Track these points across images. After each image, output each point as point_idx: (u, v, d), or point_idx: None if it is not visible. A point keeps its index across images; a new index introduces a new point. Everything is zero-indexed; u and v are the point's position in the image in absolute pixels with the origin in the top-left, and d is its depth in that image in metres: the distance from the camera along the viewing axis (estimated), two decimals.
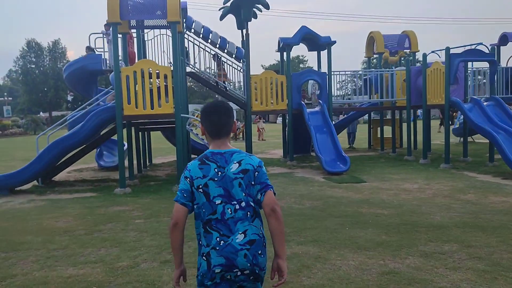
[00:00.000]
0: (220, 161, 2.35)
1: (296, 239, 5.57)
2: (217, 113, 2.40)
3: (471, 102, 12.17)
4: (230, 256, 2.27)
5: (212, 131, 2.41)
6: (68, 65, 13.93)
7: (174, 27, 9.66)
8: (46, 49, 59.10)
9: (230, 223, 2.30)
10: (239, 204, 2.31)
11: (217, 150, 2.39)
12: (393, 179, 10.27)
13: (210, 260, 2.31)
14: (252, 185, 2.32)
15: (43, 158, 10.02)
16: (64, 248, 5.48)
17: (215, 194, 2.32)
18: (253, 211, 2.34)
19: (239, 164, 2.33)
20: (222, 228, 2.31)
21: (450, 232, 5.70)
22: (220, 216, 2.31)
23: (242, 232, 2.30)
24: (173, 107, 9.73)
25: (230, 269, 2.28)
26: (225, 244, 2.29)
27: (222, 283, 2.31)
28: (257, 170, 2.33)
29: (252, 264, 2.30)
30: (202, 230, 2.37)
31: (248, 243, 2.30)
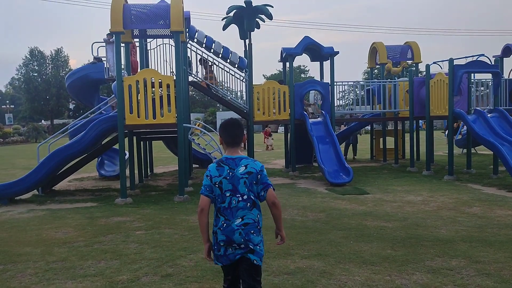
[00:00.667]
0: (231, 164, 3.14)
1: (300, 252, 5.46)
2: (232, 127, 3.21)
3: (474, 114, 12.09)
4: (229, 234, 3.08)
5: (228, 141, 3.21)
6: (71, 74, 13.93)
7: (177, 36, 9.63)
8: (48, 57, 59.44)
9: (234, 210, 3.09)
10: (242, 197, 3.09)
11: (230, 156, 3.17)
12: (396, 191, 10.16)
13: (217, 236, 3.13)
14: (255, 184, 3.11)
15: (44, 167, 9.94)
16: (63, 260, 5.37)
17: (226, 188, 3.10)
18: (252, 203, 3.11)
19: (245, 167, 3.12)
20: (227, 214, 3.10)
21: (457, 246, 5.59)
22: (227, 205, 3.10)
23: (240, 217, 3.09)
24: (175, 117, 9.67)
25: (229, 244, 3.08)
26: (227, 226, 3.09)
27: (226, 254, 3.11)
28: (259, 173, 3.12)
29: (245, 240, 3.07)
30: (214, 214, 3.17)
31: (243, 225, 3.08)
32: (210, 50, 13.82)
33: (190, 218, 7.61)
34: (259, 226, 3.15)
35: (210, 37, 13.82)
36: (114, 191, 10.91)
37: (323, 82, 14.60)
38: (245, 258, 3.08)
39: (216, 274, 4.71)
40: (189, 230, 6.72)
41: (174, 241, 6.14)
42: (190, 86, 14.04)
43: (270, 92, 13.74)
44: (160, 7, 9.66)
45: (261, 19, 26.40)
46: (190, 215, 7.87)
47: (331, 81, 13.92)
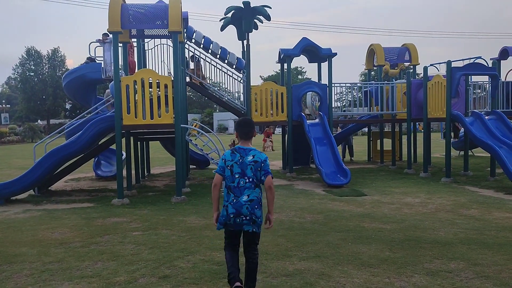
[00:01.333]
0: (242, 153, 3.99)
1: (298, 254, 5.44)
2: (245, 125, 4.11)
3: (472, 116, 12.11)
4: (238, 208, 3.90)
5: (242, 136, 4.09)
6: (68, 74, 13.85)
7: (175, 37, 9.60)
8: (45, 57, 59.22)
9: (241, 189, 3.92)
10: (248, 179, 3.93)
11: (242, 147, 4.03)
12: (394, 192, 10.16)
13: (228, 209, 3.92)
14: (259, 170, 3.94)
15: (40, 167, 9.87)
16: (59, 261, 5.33)
17: (236, 171, 3.95)
18: (255, 184, 3.95)
19: (253, 157, 3.97)
20: (236, 192, 3.93)
21: (455, 249, 5.58)
22: (236, 185, 3.93)
23: (247, 195, 3.91)
24: (173, 117, 9.64)
25: (238, 215, 3.90)
26: (236, 201, 3.91)
27: (233, 224, 3.93)
28: (263, 162, 3.96)
29: (250, 213, 3.91)
30: (225, 192, 3.98)
31: (249, 201, 3.91)
32: (208, 50, 13.79)
33: (188, 219, 7.57)
34: (260, 202, 4.00)
35: (208, 37, 13.80)
36: (110, 191, 10.85)
37: (321, 83, 14.60)
38: (249, 232, 3.97)
39: (214, 276, 4.68)
40: (187, 231, 6.69)
41: (172, 242, 6.10)
42: (188, 86, 14.02)
43: (268, 93, 13.72)
44: (158, 7, 9.63)
45: (259, 20, 26.42)
46: (187, 216, 7.83)
47: (329, 82, 13.92)
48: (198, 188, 11.28)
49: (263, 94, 13.65)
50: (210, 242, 6.03)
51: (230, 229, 4.00)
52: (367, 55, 16.85)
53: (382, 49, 15.95)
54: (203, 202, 9.29)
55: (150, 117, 9.47)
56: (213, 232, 6.62)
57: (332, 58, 13.96)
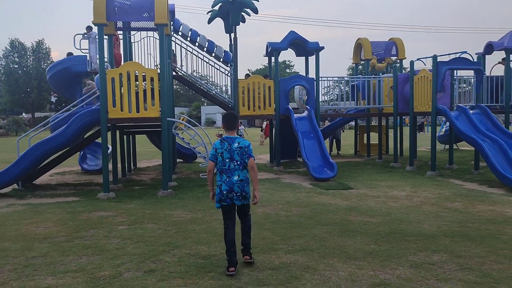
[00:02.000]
0: (229, 141, 4.72)
1: (284, 247, 5.46)
2: (230, 117, 4.89)
3: (457, 110, 12.24)
4: (230, 186, 4.64)
5: (228, 127, 4.85)
6: (52, 66, 13.66)
7: (162, 29, 9.51)
8: (29, 49, 58.22)
9: (232, 171, 4.66)
10: (236, 162, 4.68)
11: (229, 136, 4.76)
12: (380, 186, 10.24)
13: (221, 187, 4.65)
14: (244, 154, 4.68)
15: (24, 161, 9.74)
16: (43, 256, 5.27)
17: (226, 157, 4.68)
18: (243, 166, 4.70)
19: (238, 144, 4.70)
20: (228, 173, 4.67)
21: (439, 241, 5.65)
22: (227, 167, 4.67)
23: (237, 175, 4.66)
24: (159, 111, 9.56)
25: (230, 192, 4.64)
26: (229, 180, 4.65)
27: (227, 199, 4.66)
28: (247, 147, 4.71)
29: (241, 190, 4.67)
30: (218, 174, 4.72)
31: (239, 181, 4.66)
32: (195, 43, 13.69)
33: (174, 213, 7.54)
34: (248, 180, 4.78)
35: (195, 30, 13.69)
36: (96, 185, 10.76)
37: (308, 77, 14.60)
38: (237, 206, 4.75)
39: (200, 270, 4.68)
40: (173, 225, 6.66)
41: (157, 236, 6.08)
42: (175, 80, 13.92)
43: (255, 87, 13.69)
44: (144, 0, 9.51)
45: (247, 13, 26.31)
46: (173, 210, 7.80)
47: (316, 76, 13.93)
48: (185, 182, 11.23)
49: (251, 87, 13.61)
50: (196, 236, 6.02)
51: (224, 204, 4.71)
52: (355, 49, 16.90)
53: (370, 43, 16.01)
54: (189, 196, 9.27)
55: (136, 110, 9.38)
56: (199, 226, 6.61)
57: (320, 52, 13.97)
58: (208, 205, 8.25)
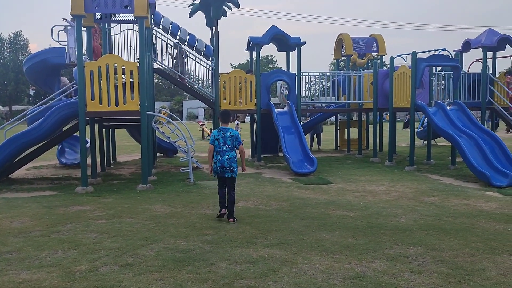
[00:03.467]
0: (224, 131, 6.51)
1: (263, 241, 5.48)
2: (226, 114, 6.85)
3: (435, 106, 12.43)
4: (222, 162, 6.43)
5: (223, 121, 6.71)
6: (29, 58, 13.34)
7: (142, 22, 9.39)
8: (6, 40, 56.92)
9: (224, 152, 6.43)
10: (228, 146, 6.44)
11: (224, 127, 6.56)
12: (359, 180, 10.35)
13: (216, 164, 6.46)
14: (234, 141, 6.48)
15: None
16: (18, 251, 5.18)
17: (221, 142, 6.45)
18: (232, 148, 6.48)
19: (230, 133, 6.50)
20: (221, 154, 6.44)
21: (414, 235, 5.75)
22: (221, 149, 6.45)
23: (227, 155, 6.43)
24: (139, 104, 9.46)
25: (222, 167, 6.45)
26: (221, 158, 6.43)
27: (220, 172, 6.50)
28: (236, 136, 6.52)
29: (229, 165, 6.46)
30: (215, 154, 6.48)
31: (228, 159, 6.43)
32: (176, 37, 13.58)
33: (153, 207, 7.50)
34: (235, 159, 6.59)
35: (176, 24, 13.57)
36: (75, 179, 10.61)
37: (290, 72, 14.63)
38: (229, 177, 6.57)
39: (177, 264, 4.67)
40: (151, 219, 6.62)
41: (136, 230, 6.03)
42: (156, 73, 13.79)
43: (237, 81, 13.65)
44: None
45: (228, 7, 26.17)
46: (152, 204, 7.75)
47: (297, 71, 13.96)
48: (164, 176, 11.16)
49: (232, 82, 13.58)
50: (175, 230, 6.00)
51: (219, 175, 6.59)
52: (336, 45, 16.99)
53: (351, 39, 16.12)
54: (169, 190, 9.22)
55: (115, 104, 9.26)
56: (178, 220, 6.59)
57: (301, 47, 13.99)
58: (188, 199, 8.23)
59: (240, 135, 6.65)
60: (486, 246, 5.26)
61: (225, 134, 6.49)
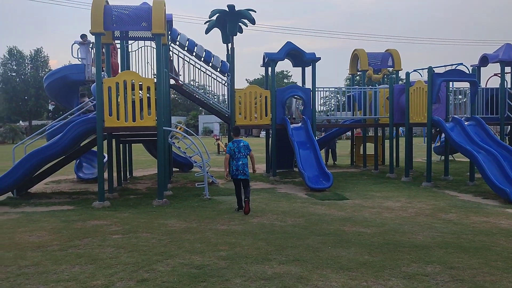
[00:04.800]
0: (238, 142, 8.45)
1: (278, 258, 5.45)
2: (237, 130, 9.00)
3: (452, 121, 12.30)
4: (238, 167, 8.34)
5: (235, 134, 8.80)
6: (49, 74, 13.66)
7: (159, 39, 9.57)
8: (28, 57, 58.23)
9: (238, 159, 8.36)
10: (242, 154, 8.38)
11: (237, 140, 8.52)
12: (375, 196, 10.25)
13: (233, 168, 8.36)
14: (246, 149, 8.44)
15: (19, 169, 9.72)
16: (36, 265, 5.25)
17: (236, 151, 8.38)
18: (245, 155, 8.42)
19: (243, 143, 8.44)
20: (236, 160, 8.36)
21: (432, 252, 5.66)
22: (236, 157, 8.37)
23: (241, 161, 8.35)
24: (156, 120, 9.58)
25: (237, 170, 8.33)
26: (236, 163, 8.35)
27: (235, 175, 8.37)
28: (247, 146, 8.47)
29: (243, 169, 8.35)
30: (231, 160, 8.40)
31: (242, 164, 8.35)
32: (192, 53, 13.77)
33: (168, 222, 7.53)
34: (247, 164, 8.37)
35: (193, 40, 13.78)
36: (92, 194, 10.74)
37: (305, 87, 14.67)
38: (243, 179, 8.28)
39: (193, 280, 4.67)
40: (167, 235, 6.65)
41: (151, 245, 6.06)
42: (172, 89, 13.96)
43: (252, 97, 13.74)
44: (142, 9, 9.58)
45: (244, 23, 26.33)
46: (168, 219, 7.79)
47: (312, 87, 13.99)
48: (180, 191, 11.22)
49: (247, 97, 13.67)
50: (190, 246, 6.01)
51: (234, 177, 8.35)
52: (351, 60, 17.00)
53: (366, 54, 16.12)
54: (184, 205, 9.26)
55: (132, 119, 9.40)
56: (193, 235, 6.60)
57: (316, 62, 14.05)
58: (203, 214, 8.25)
59: (249, 145, 8.54)
60: (506, 265, 5.15)
61: (238, 145, 8.37)
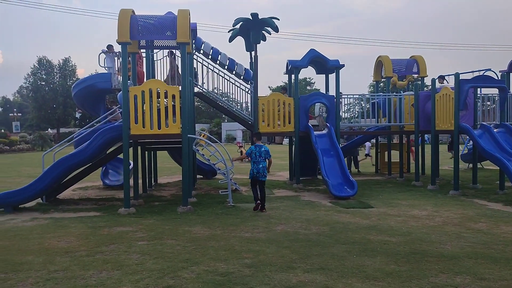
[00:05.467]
0: (259, 147, 9.46)
1: (302, 266, 5.42)
2: (259, 135, 10.25)
3: (481, 129, 12.03)
4: (258, 170, 9.35)
5: (257, 139, 9.92)
6: (77, 83, 14.00)
7: (183, 48, 9.69)
8: (56, 66, 59.90)
9: (259, 162, 9.38)
10: (262, 158, 9.42)
11: (258, 144, 9.57)
12: (401, 205, 10.09)
13: (254, 170, 9.37)
14: (267, 154, 9.52)
15: (49, 176, 9.97)
16: (64, 270, 5.36)
17: (258, 154, 9.38)
18: (264, 159, 9.49)
19: (264, 149, 9.48)
20: (257, 163, 9.38)
21: (461, 263, 5.52)
22: (257, 160, 9.38)
23: (261, 164, 9.40)
24: (180, 127, 9.69)
25: (258, 173, 9.35)
26: (257, 166, 9.36)
27: (255, 177, 9.38)
28: (267, 151, 9.55)
29: (263, 171, 9.41)
30: (252, 163, 9.43)
31: (262, 167, 9.40)
32: (216, 61, 13.90)
33: (193, 229, 7.58)
34: (266, 168, 9.50)
35: (216, 48, 13.91)
36: (117, 200, 10.90)
37: (328, 94, 14.61)
38: (261, 180, 9.38)
39: (217, 287, 4.67)
40: (192, 242, 6.69)
41: (176, 252, 6.11)
42: (196, 97, 14.10)
43: (275, 104, 13.76)
44: (167, 19, 9.74)
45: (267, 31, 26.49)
46: (193, 226, 7.84)
47: (336, 94, 13.92)
48: (204, 198, 11.29)
49: (271, 104, 13.70)
50: (215, 253, 6.03)
51: (254, 178, 9.33)
52: (375, 67, 16.85)
53: (390, 61, 15.94)
54: (209, 212, 9.30)
55: (157, 127, 9.53)
56: (218, 242, 6.62)
57: (340, 69, 13.98)
58: (227, 222, 8.27)
59: (269, 150, 9.63)
60: None
61: (260, 149, 9.33)
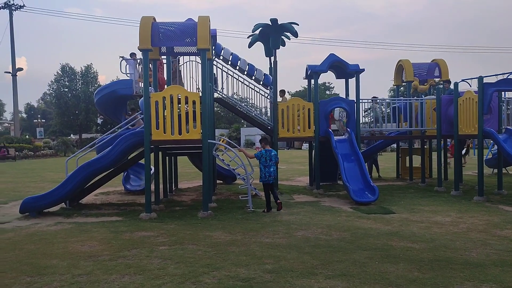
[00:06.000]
0: (269, 151, 10.12)
1: (324, 272, 5.37)
2: (267, 139, 10.58)
3: (506, 133, 11.77)
4: (270, 173, 10.03)
5: (266, 144, 10.31)
6: (100, 90, 14.26)
7: (204, 54, 9.78)
8: (79, 73, 61.01)
9: (270, 166, 10.02)
10: (272, 161, 10.07)
11: (268, 149, 10.17)
12: (423, 211, 9.93)
13: (265, 174, 9.97)
14: (276, 158, 10.29)
15: (72, 181, 10.15)
16: (88, 274, 5.44)
17: (268, 158, 10.02)
18: (275, 163, 10.23)
19: (273, 153, 10.18)
20: (268, 167, 9.99)
21: (487, 271, 5.39)
22: (268, 164, 10.00)
23: (272, 168, 10.08)
24: (200, 133, 9.76)
25: (270, 176, 10.02)
26: (269, 170, 10.00)
27: (267, 180, 10.01)
28: (276, 155, 10.33)
29: (274, 175, 10.24)
30: (262, 167, 10.00)
31: (273, 170, 10.11)
32: (236, 67, 13.97)
33: (214, 234, 7.60)
34: (276, 171, 10.60)
35: (236, 54, 13.99)
36: (139, 205, 11.02)
37: (348, 99, 14.52)
38: (272, 183, 10.16)
39: None
40: (213, 247, 6.71)
41: (197, 257, 6.14)
42: (216, 102, 14.20)
43: (295, 109, 13.74)
44: (187, 25, 9.84)
45: (287, 36, 26.48)
46: (213, 231, 7.86)
47: (357, 98, 13.82)
48: (224, 203, 11.32)
49: (290, 110, 13.68)
50: (236, 258, 6.03)
51: (266, 182, 9.93)
52: (396, 71, 16.69)
53: (411, 65, 15.77)
54: (229, 217, 9.32)
55: (178, 132, 9.62)
56: (238, 248, 6.62)
57: (360, 74, 13.89)
58: (247, 227, 8.27)
59: (277, 154, 10.43)
60: None
61: (270, 154, 9.99)
